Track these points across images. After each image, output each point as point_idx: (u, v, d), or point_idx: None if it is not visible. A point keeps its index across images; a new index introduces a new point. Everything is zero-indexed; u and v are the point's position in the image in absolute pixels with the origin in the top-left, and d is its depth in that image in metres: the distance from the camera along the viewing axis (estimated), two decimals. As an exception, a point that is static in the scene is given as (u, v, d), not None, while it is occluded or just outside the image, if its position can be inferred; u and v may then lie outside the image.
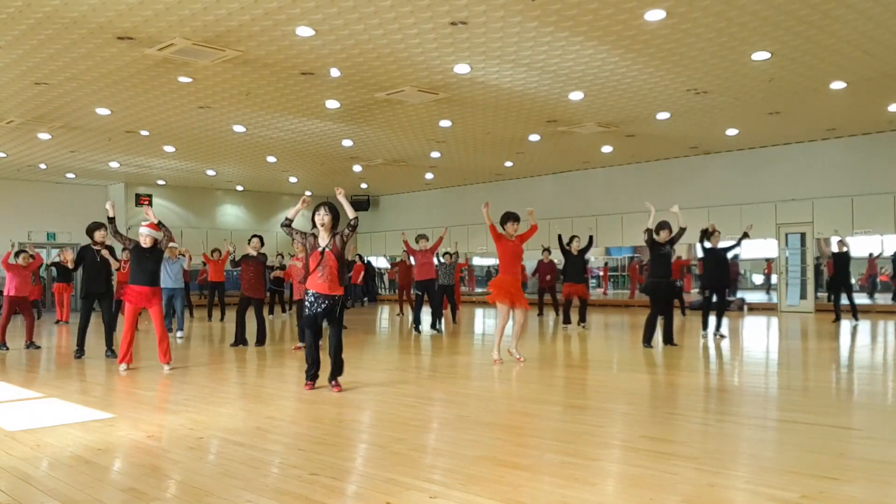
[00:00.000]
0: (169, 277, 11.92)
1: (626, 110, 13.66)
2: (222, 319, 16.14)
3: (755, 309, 18.31)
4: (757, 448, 4.58)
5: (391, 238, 25.87)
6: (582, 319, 13.06)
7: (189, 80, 11.34)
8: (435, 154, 18.39)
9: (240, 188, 24.92)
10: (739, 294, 20.38)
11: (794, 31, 9.36)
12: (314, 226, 6.45)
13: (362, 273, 19.59)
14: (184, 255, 12.76)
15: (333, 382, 6.57)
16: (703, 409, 5.87)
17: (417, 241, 12.85)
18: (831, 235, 18.29)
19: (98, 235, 9.34)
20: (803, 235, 17.46)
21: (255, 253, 10.45)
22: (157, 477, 3.99)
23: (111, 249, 9.53)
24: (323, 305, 6.39)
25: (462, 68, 10.80)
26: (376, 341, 11.70)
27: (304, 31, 9.14)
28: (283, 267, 15.23)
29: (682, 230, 9.73)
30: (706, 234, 11.09)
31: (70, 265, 14.71)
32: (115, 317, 9.92)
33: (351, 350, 10.19)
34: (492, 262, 28.03)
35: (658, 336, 9.82)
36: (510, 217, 8.41)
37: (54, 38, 9.31)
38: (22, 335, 11.06)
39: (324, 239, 6.41)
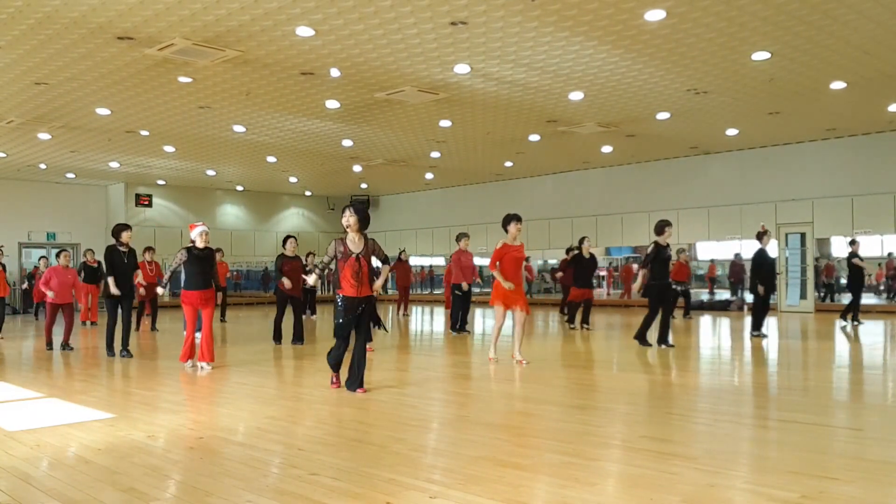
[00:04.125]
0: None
1: (626, 110, 13.66)
2: (224, 320, 16.24)
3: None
4: (757, 448, 4.58)
5: (391, 238, 25.86)
6: (584, 321, 13.00)
7: (189, 80, 11.34)
8: (435, 154, 18.39)
9: (240, 188, 24.92)
10: (740, 294, 20.39)
11: (794, 31, 9.36)
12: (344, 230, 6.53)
13: None
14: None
15: (359, 387, 6.50)
16: (703, 409, 5.87)
17: (459, 240, 12.51)
18: (830, 236, 18.34)
19: (124, 237, 9.41)
20: (803, 235, 17.46)
21: (292, 254, 10.71)
22: (157, 477, 3.99)
23: (132, 252, 9.57)
24: (360, 308, 6.46)
25: (462, 68, 10.80)
26: (376, 342, 11.68)
27: (304, 31, 9.14)
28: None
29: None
30: (760, 237, 10.99)
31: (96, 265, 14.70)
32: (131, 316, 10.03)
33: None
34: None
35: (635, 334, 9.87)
36: (513, 218, 8.39)
37: (54, 38, 9.31)
38: (57, 335, 10.90)
39: (356, 244, 6.45)
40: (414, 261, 29.10)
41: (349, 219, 6.45)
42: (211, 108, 13.22)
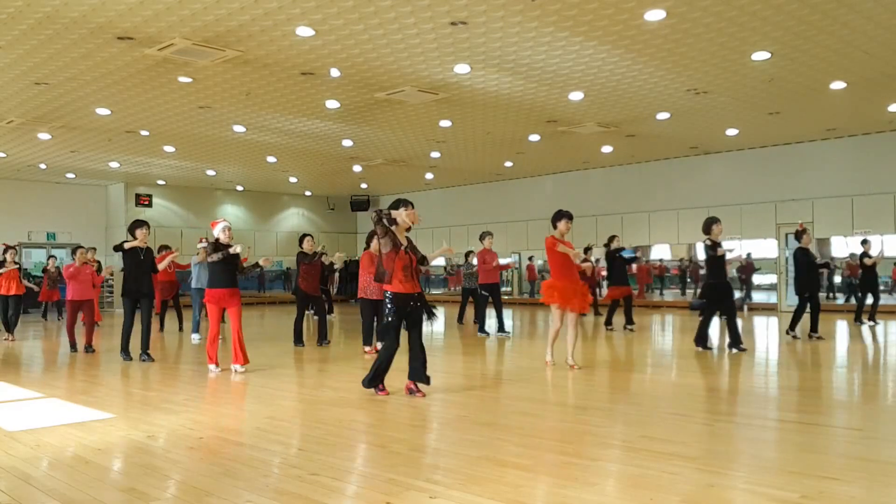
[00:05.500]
0: (203, 276, 11.69)
1: (626, 110, 13.66)
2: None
3: (754, 309, 18.31)
4: (757, 448, 4.58)
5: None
6: (629, 321, 12.58)
7: (189, 80, 11.34)
8: (435, 154, 18.39)
9: (240, 188, 24.92)
10: (743, 294, 20.36)
11: (794, 31, 9.36)
12: (392, 223, 6.20)
13: None
14: None
15: (416, 388, 6.35)
16: (703, 409, 5.87)
17: (482, 239, 12.07)
18: (830, 236, 18.31)
19: (139, 234, 9.06)
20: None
21: (310, 252, 10.40)
22: (157, 477, 3.99)
23: (149, 250, 9.27)
24: (412, 304, 6.25)
25: (462, 68, 10.80)
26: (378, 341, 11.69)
27: (304, 31, 9.14)
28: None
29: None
30: (798, 235, 10.74)
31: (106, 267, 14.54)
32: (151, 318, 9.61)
33: (347, 350, 10.18)
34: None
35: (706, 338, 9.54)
36: (564, 215, 7.99)
37: (54, 38, 9.31)
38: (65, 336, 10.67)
39: (403, 239, 6.26)
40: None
41: (416, 216, 6.23)
42: (211, 108, 13.22)
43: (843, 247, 13.79)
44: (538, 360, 8.61)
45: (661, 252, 21.64)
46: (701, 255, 10.46)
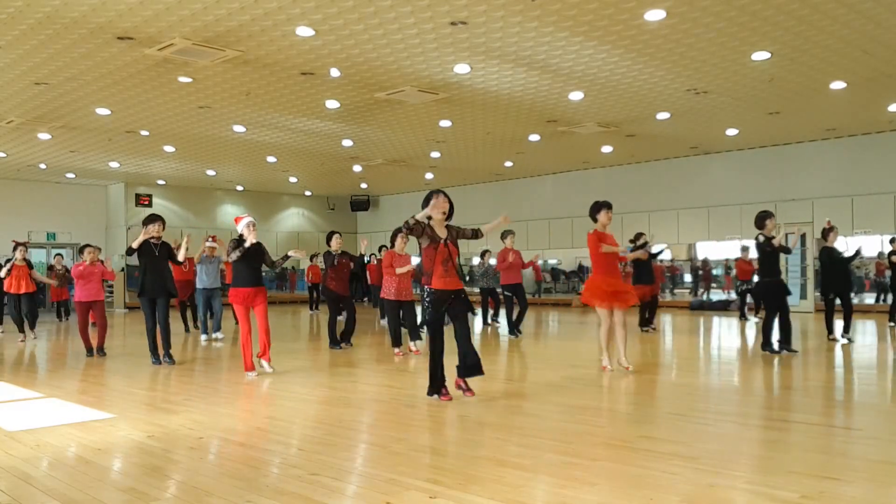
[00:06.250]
0: (206, 277, 11.71)
1: (626, 110, 13.66)
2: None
3: (750, 309, 18.23)
4: (757, 448, 4.58)
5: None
6: (650, 321, 12.29)
7: (189, 80, 11.34)
8: (435, 154, 18.39)
9: (240, 188, 24.93)
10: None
11: (794, 31, 9.37)
12: (416, 226, 5.90)
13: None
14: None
15: (466, 386, 6.12)
16: (703, 409, 5.87)
17: (504, 238, 11.56)
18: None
19: (151, 230, 8.62)
20: (803, 235, 17.43)
21: (338, 251, 10.00)
22: (157, 477, 3.99)
23: (165, 245, 8.83)
24: (452, 301, 5.97)
25: (462, 68, 10.80)
26: (378, 342, 11.69)
27: (304, 31, 9.14)
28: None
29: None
30: (826, 234, 10.40)
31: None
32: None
33: (349, 351, 10.18)
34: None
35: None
36: (603, 205, 7.45)
37: (54, 38, 9.31)
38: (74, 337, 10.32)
39: (442, 231, 5.96)
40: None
41: (444, 205, 5.91)
42: (211, 108, 13.22)
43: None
44: (539, 360, 8.61)
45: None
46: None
